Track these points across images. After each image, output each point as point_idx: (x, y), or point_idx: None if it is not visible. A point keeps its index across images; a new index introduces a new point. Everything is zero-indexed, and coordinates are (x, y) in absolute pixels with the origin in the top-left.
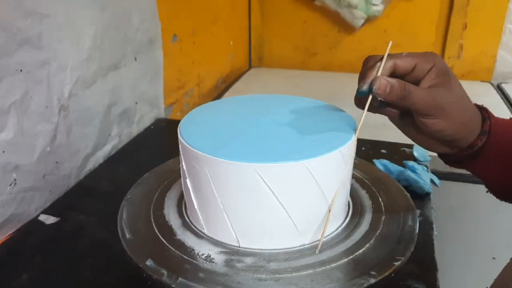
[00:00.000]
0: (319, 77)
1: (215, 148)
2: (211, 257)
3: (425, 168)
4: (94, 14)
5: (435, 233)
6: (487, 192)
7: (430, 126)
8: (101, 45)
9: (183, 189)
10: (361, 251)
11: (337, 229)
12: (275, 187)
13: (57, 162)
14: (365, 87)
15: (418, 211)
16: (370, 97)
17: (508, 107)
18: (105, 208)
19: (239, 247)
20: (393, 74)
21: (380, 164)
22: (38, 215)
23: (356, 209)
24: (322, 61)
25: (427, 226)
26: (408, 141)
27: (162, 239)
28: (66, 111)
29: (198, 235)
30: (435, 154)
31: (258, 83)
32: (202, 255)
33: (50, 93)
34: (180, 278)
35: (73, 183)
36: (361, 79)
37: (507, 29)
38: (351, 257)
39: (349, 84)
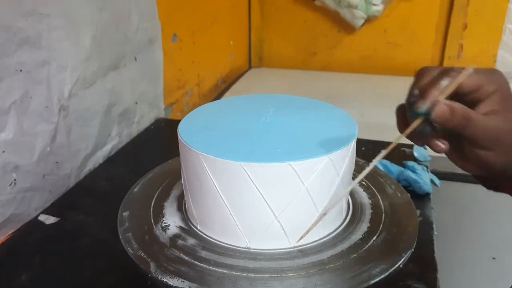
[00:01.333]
0: (319, 77)
1: (215, 148)
2: (211, 257)
3: (425, 168)
4: (94, 14)
5: (435, 233)
6: None
7: (483, 158)
8: (100, 45)
9: (183, 189)
10: (361, 251)
11: (336, 229)
12: (266, 187)
13: (57, 162)
14: (424, 108)
15: (418, 211)
16: (418, 120)
17: None
18: (105, 208)
19: (245, 248)
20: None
21: (380, 164)
22: (38, 215)
23: (356, 209)
24: (322, 61)
25: (427, 226)
26: (408, 141)
27: (162, 239)
28: (66, 111)
29: (198, 234)
30: (435, 154)
31: (258, 83)
32: (202, 255)
33: (50, 93)
34: (180, 278)
35: (73, 183)
36: (420, 97)
37: (507, 29)
38: (351, 257)
39: (349, 84)
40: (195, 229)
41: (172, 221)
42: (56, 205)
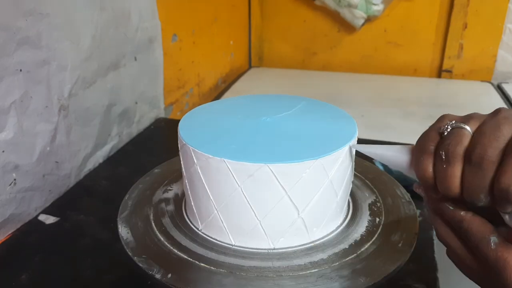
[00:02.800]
0: (319, 77)
1: (215, 147)
2: (211, 257)
3: None
4: (94, 14)
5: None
6: None
7: None
8: (100, 45)
9: (183, 189)
10: (360, 251)
11: (336, 229)
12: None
13: (57, 162)
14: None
15: (418, 211)
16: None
17: (508, 107)
18: (105, 208)
19: (236, 247)
20: None
21: (380, 163)
22: (38, 215)
23: (355, 209)
24: (322, 60)
25: (427, 226)
26: (408, 141)
27: (162, 239)
28: (66, 111)
29: (198, 234)
30: None
31: (258, 83)
32: (202, 255)
33: (50, 93)
34: (179, 278)
35: (73, 183)
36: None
37: (507, 29)
38: (350, 257)
39: (349, 84)
40: (195, 229)
41: (172, 221)
42: (56, 205)
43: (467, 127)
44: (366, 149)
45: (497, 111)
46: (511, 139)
